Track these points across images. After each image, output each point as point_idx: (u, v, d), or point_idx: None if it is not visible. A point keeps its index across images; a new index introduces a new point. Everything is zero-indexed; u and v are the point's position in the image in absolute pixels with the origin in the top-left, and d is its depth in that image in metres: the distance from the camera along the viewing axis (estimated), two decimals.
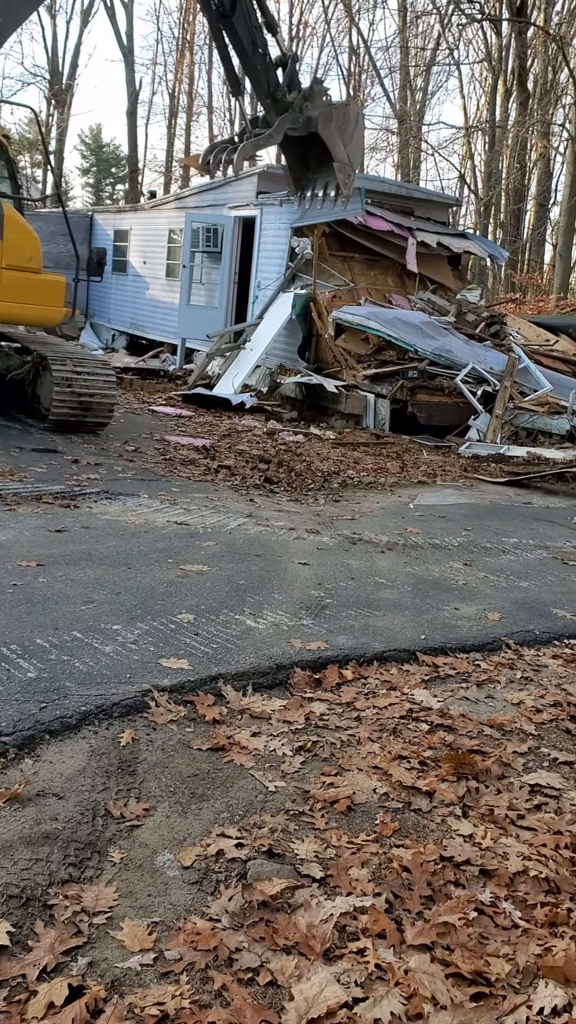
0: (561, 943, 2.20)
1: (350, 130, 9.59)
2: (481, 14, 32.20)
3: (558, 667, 4.16)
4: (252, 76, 9.28)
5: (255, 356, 13.37)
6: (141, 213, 19.69)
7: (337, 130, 9.45)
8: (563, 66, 29.57)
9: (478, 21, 32.83)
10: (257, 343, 13.56)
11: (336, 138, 9.46)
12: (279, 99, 9.25)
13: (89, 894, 2.26)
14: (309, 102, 9.31)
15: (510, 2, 29.69)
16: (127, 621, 3.97)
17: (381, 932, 2.19)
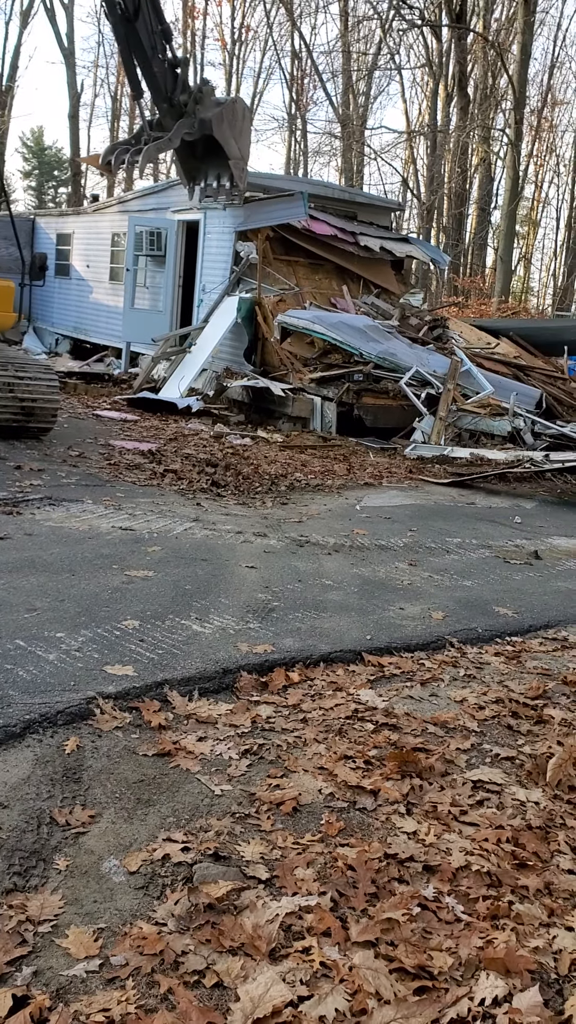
0: (502, 935, 2.24)
1: (239, 125, 10.10)
2: (421, 20, 32.60)
3: (500, 664, 4.23)
4: (150, 80, 9.64)
5: (201, 359, 13.36)
6: (84, 216, 19.54)
7: (229, 128, 9.94)
8: (502, 72, 30.08)
9: (418, 27, 33.23)
10: (203, 347, 13.54)
11: (228, 136, 9.95)
12: (175, 104, 9.68)
13: (34, 903, 2.25)
14: (199, 104, 9.77)
15: (450, 8, 30.11)
16: (71, 628, 3.95)
17: (326, 930, 2.21)
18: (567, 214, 41.02)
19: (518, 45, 26.83)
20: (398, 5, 30.93)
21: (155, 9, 9.50)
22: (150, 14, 9.40)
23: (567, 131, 42.35)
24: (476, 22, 32.34)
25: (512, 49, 29.16)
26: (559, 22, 61.75)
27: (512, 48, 29.25)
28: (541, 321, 22.85)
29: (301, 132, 41.71)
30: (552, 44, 58.70)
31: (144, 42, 9.47)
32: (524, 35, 26.34)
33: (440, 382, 12.03)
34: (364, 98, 39.39)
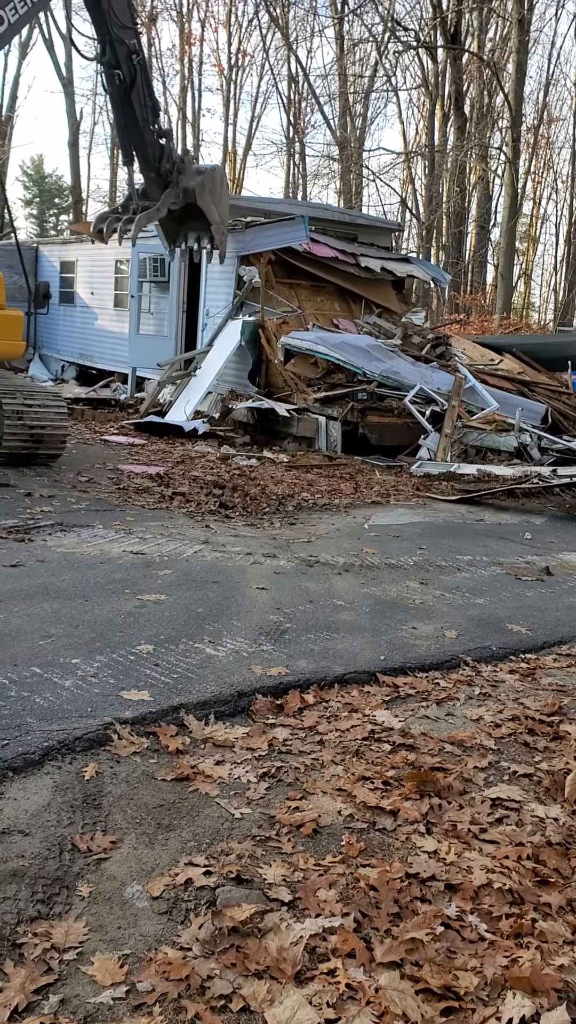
0: (527, 953, 2.24)
1: (218, 191, 10.94)
2: (417, 41, 32.96)
3: (515, 682, 4.24)
4: (140, 149, 10.44)
5: (206, 383, 13.42)
6: (87, 244, 19.68)
7: (210, 196, 10.80)
8: (498, 91, 30.35)
9: (414, 48, 33.61)
10: (208, 370, 13.61)
11: (210, 204, 10.82)
12: (161, 173, 10.48)
13: (59, 930, 2.26)
14: (182, 174, 10.60)
15: (444, 30, 30.43)
16: (86, 654, 3.97)
17: (351, 952, 2.21)
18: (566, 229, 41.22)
19: (513, 64, 27.09)
20: (393, 28, 31.31)
21: (147, 84, 10.33)
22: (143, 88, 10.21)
23: (564, 147, 42.59)
24: (471, 42, 32.65)
25: (507, 68, 29.43)
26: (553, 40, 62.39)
27: (507, 67, 29.52)
28: (544, 336, 22.93)
29: (300, 155, 42.06)
30: (547, 62, 59.18)
31: (137, 113, 10.20)
32: (519, 54, 26.59)
33: (444, 399, 12.07)
34: (361, 120, 39.76)
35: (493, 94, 32.36)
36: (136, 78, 10.13)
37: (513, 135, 27.06)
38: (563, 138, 43.22)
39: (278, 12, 37.05)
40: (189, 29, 41.33)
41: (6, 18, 8.53)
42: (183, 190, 10.55)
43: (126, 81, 10.04)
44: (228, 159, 43.76)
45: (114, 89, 10.30)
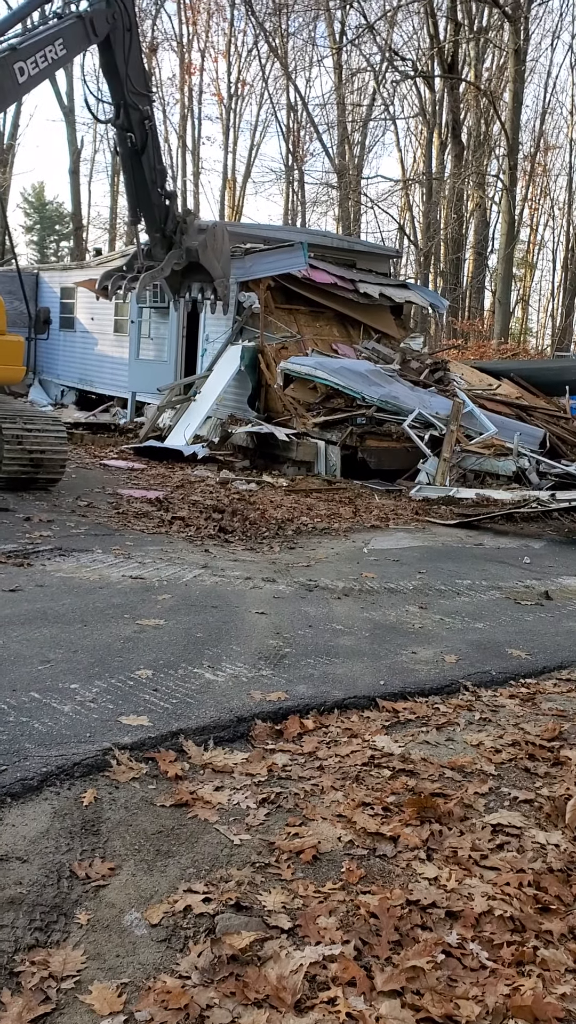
0: (528, 982, 2.22)
1: (219, 246, 11.51)
2: (414, 71, 33.38)
3: (515, 707, 4.22)
4: (147, 211, 10.97)
5: (206, 407, 13.47)
6: (87, 270, 19.82)
7: (212, 253, 11.35)
8: (495, 119, 30.69)
9: (411, 78, 34.03)
10: (207, 395, 13.66)
11: (212, 260, 11.39)
12: (166, 235, 11.06)
13: (56, 958, 2.24)
14: (185, 234, 11.18)
15: (442, 59, 30.81)
16: (85, 679, 3.96)
17: (351, 980, 2.20)
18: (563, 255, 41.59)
19: (510, 93, 27.41)
20: (391, 57, 31.71)
21: (157, 148, 10.90)
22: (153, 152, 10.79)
23: (560, 174, 43.07)
24: (468, 72, 33.08)
25: (504, 97, 29.79)
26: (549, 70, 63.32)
27: (504, 96, 29.88)
28: (541, 362, 23.03)
29: (299, 183, 42.49)
30: (543, 91, 59.99)
31: (146, 175, 10.75)
32: (515, 83, 26.91)
33: (443, 424, 12.11)
34: (360, 148, 40.17)
35: (490, 122, 32.73)
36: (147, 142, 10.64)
37: (510, 163, 27.32)
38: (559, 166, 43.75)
39: (277, 43, 37.59)
40: (189, 59, 41.91)
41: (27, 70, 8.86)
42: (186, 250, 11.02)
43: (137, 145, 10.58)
44: (227, 186, 44.20)
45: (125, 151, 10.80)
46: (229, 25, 41.65)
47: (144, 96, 10.79)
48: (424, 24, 32.19)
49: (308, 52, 41.03)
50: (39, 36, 9.19)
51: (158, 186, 11.00)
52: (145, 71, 11.02)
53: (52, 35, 9.28)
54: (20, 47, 8.83)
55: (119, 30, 10.26)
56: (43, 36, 9.21)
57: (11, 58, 8.71)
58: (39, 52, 9.03)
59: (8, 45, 8.76)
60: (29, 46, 8.95)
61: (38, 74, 9.13)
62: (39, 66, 9.08)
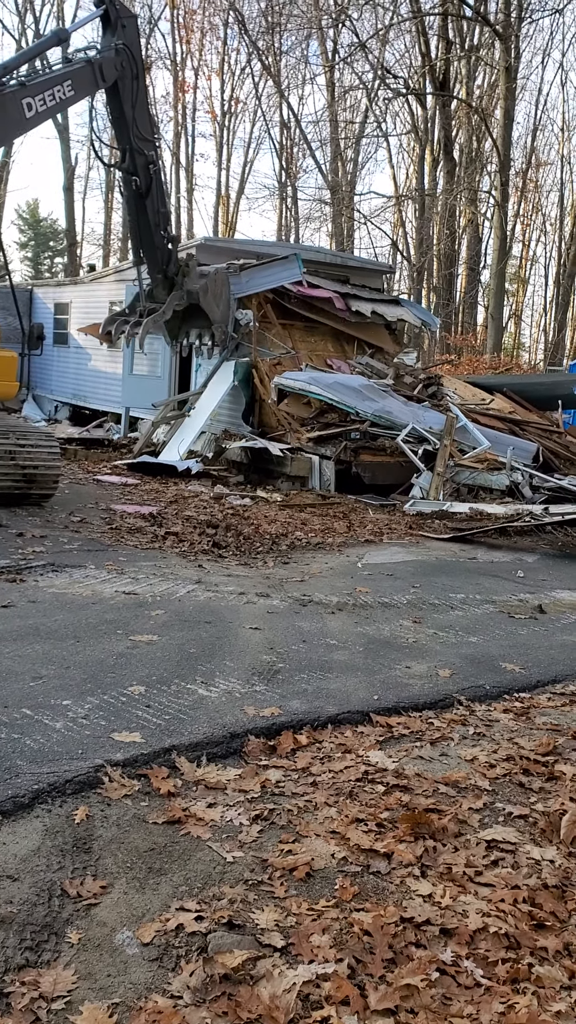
0: (523, 999, 2.21)
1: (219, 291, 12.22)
2: (406, 88, 33.63)
3: (509, 721, 4.21)
4: (149, 252, 11.58)
5: (200, 422, 13.47)
6: (81, 286, 19.89)
7: (212, 298, 12.07)
8: (486, 136, 30.92)
9: (403, 95, 34.27)
10: (202, 410, 13.66)
11: (212, 304, 12.08)
12: (168, 276, 11.69)
13: (47, 979, 2.21)
14: (187, 277, 11.85)
15: (433, 77, 31.07)
16: (77, 695, 3.94)
17: (344, 999, 2.18)
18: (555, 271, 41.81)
19: (501, 110, 27.63)
20: (383, 75, 31.94)
21: (160, 193, 11.52)
22: (157, 195, 11.40)
23: (552, 191, 43.36)
24: (459, 89, 33.33)
25: (495, 114, 30.00)
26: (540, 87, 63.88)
27: (495, 113, 30.09)
28: (534, 376, 23.12)
29: (292, 199, 42.69)
30: (534, 108, 60.46)
31: (150, 218, 11.35)
32: (506, 101, 27.13)
33: (436, 438, 12.13)
34: (352, 165, 40.40)
35: (482, 139, 32.97)
36: (151, 186, 11.23)
37: (502, 179, 27.53)
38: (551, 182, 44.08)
39: (270, 61, 37.86)
40: (183, 77, 42.22)
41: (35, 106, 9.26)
42: (187, 292, 11.70)
43: (142, 188, 11.15)
44: (221, 202, 44.41)
45: (130, 194, 11.36)
46: (222, 44, 41.98)
47: (149, 142, 11.30)
48: (416, 42, 32.49)
49: (301, 70, 41.44)
50: (49, 76, 9.67)
51: (161, 229, 11.49)
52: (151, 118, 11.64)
53: (61, 76, 9.74)
54: (29, 84, 9.33)
55: (127, 78, 10.79)
56: (53, 76, 9.69)
57: (20, 93, 9.07)
58: (47, 91, 9.43)
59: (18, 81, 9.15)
60: (38, 84, 9.37)
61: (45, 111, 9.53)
62: (47, 104, 9.45)
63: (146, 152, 11.25)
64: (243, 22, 36.53)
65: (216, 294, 12.22)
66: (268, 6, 34.97)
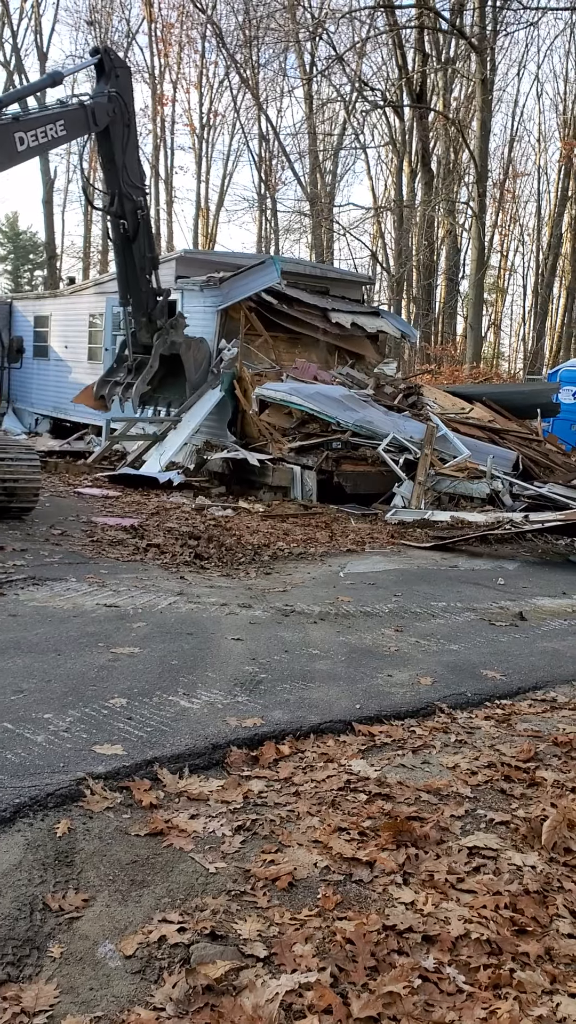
0: (505, 1004, 2.22)
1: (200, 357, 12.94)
2: (383, 100, 33.86)
3: (490, 728, 4.23)
4: (135, 294, 12.03)
5: (184, 435, 13.45)
6: (61, 299, 19.88)
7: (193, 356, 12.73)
8: (463, 147, 31.14)
9: (381, 108, 34.50)
10: (187, 423, 13.62)
11: (191, 363, 12.71)
12: (152, 320, 12.15)
13: (28, 993, 2.21)
14: (174, 328, 12.40)
15: (410, 89, 31.31)
16: (58, 709, 3.92)
17: (327, 1007, 2.18)
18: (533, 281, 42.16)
19: (478, 122, 27.85)
20: (361, 88, 32.15)
21: (148, 237, 11.92)
22: (144, 240, 11.79)
23: (529, 201, 43.79)
24: (436, 101, 33.63)
25: (472, 126, 30.22)
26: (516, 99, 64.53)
27: (472, 125, 30.32)
28: (513, 385, 23.29)
29: (271, 211, 42.86)
30: (511, 119, 61.09)
31: (136, 262, 11.77)
32: (483, 112, 27.36)
33: (417, 447, 12.19)
34: (331, 176, 40.65)
35: (459, 151, 33.21)
36: (139, 231, 11.59)
37: (479, 190, 27.73)
38: (528, 192, 44.50)
39: (248, 74, 38.03)
40: (161, 90, 42.34)
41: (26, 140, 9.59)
42: (172, 342, 12.29)
43: (129, 232, 11.54)
44: (201, 215, 44.53)
45: (117, 237, 11.78)
46: (200, 57, 42.17)
47: (139, 188, 11.71)
48: (393, 55, 32.77)
49: (279, 83, 41.57)
50: (43, 113, 10.07)
51: (147, 273, 11.91)
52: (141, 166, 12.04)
53: (54, 115, 10.12)
54: (23, 119, 9.65)
55: (118, 125, 11.20)
56: (47, 114, 10.09)
57: (12, 127, 9.41)
58: (40, 128, 9.79)
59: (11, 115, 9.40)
60: (31, 120, 9.74)
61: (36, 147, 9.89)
62: (38, 140, 9.80)
63: (135, 198, 11.59)
64: (221, 35, 36.70)
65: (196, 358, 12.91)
66: (246, 19, 35.16)
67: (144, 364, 12.38)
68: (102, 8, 40.73)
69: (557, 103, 45.76)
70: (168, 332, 12.27)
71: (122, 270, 12.06)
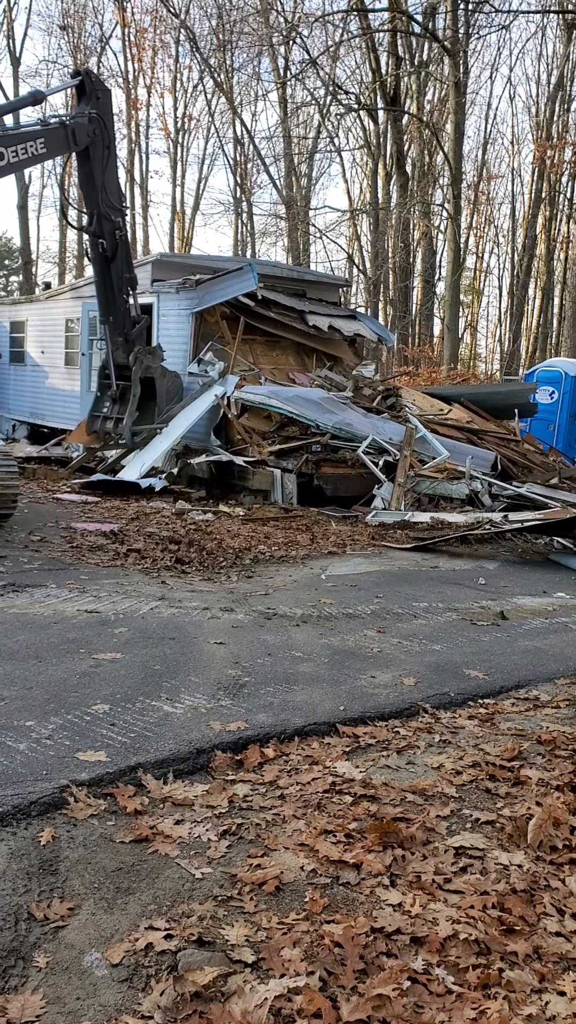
0: (494, 1004, 2.21)
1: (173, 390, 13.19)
2: (358, 104, 33.93)
3: (474, 727, 4.24)
4: (113, 313, 12.15)
5: (169, 441, 13.37)
6: (37, 304, 19.76)
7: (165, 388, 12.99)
8: (438, 150, 31.27)
9: (355, 111, 34.57)
10: (174, 429, 13.54)
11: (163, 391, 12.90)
12: (129, 340, 12.27)
13: (14, 1005, 2.18)
14: (152, 356, 12.64)
15: (384, 92, 31.40)
16: (40, 716, 3.89)
17: (316, 1012, 2.17)
18: (508, 282, 42.38)
19: (452, 124, 27.96)
20: (335, 91, 32.18)
21: (126, 257, 12.00)
22: (123, 261, 11.86)
23: (504, 203, 44.04)
24: (410, 104, 33.72)
25: (446, 128, 30.34)
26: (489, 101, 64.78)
27: (446, 127, 30.43)
28: (490, 386, 23.38)
29: (247, 214, 42.85)
30: (484, 122, 61.41)
31: (114, 282, 11.82)
32: (457, 115, 27.47)
33: (396, 449, 12.21)
34: (307, 180, 40.66)
35: (433, 153, 33.35)
36: (117, 251, 11.66)
37: (454, 192, 27.83)
38: (503, 194, 44.77)
39: (222, 78, 38.02)
40: (135, 95, 42.22)
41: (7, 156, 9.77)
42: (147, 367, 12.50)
43: (108, 252, 11.60)
44: (176, 219, 44.46)
45: (96, 256, 11.82)
46: (174, 61, 42.07)
47: (117, 209, 11.79)
48: (366, 59, 32.82)
49: (253, 87, 41.56)
50: (24, 131, 10.27)
51: (124, 293, 12.01)
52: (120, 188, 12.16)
53: (35, 133, 10.33)
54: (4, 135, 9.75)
55: (98, 146, 11.30)
56: (28, 132, 10.29)
57: None
58: (20, 144, 9.99)
59: None
60: (12, 136, 9.93)
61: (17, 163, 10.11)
62: (19, 156, 9.99)
63: (113, 218, 11.65)
64: (194, 40, 36.65)
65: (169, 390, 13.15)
66: (219, 24, 35.16)
67: (127, 392, 12.57)
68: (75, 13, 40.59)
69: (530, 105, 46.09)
70: (144, 356, 12.49)
71: (100, 288, 12.18)
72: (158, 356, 12.88)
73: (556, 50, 36.99)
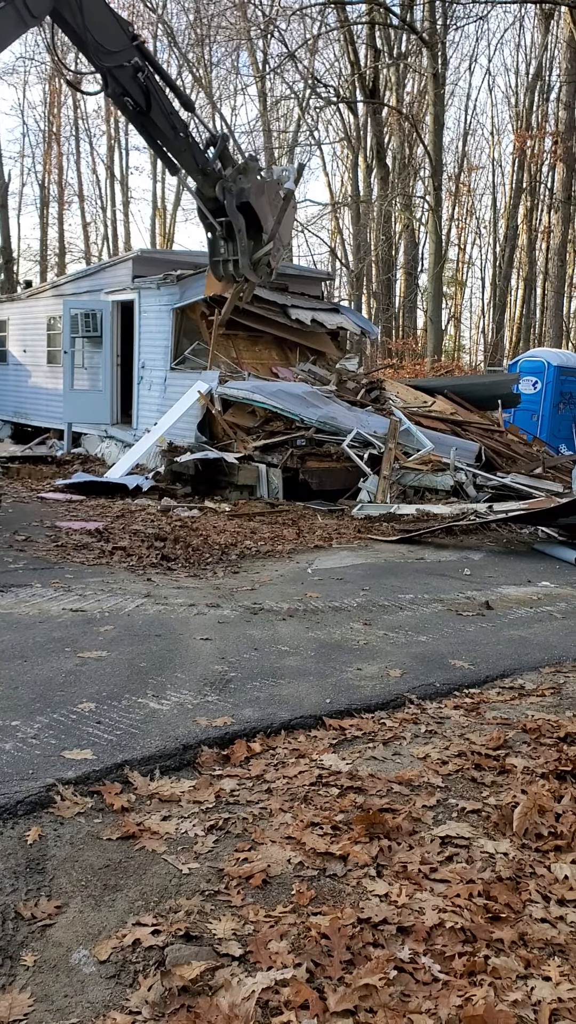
0: (480, 991, 2.23)
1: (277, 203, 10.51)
2: (337, 96, 33.91)
3: (460, 717, 4.26)
4: (179, 157, 10.10)
5: (155, 439, 13.37)
6: (18, 303, 19.69)
7: (268, 205, 10.35)
8: (418, 142, 31.31)
9: (334, 104, 34.54)
10: (160, 426, 13.54)
11: (267, 211, 10.31)
12: (208, 173, 10.15)
13: (2, 1003, 2.18)
14: (244, 175, 10.27)
15: (363, 85, 31.37)
16: (26, 715, 3.89)
17: (304, 1003, 2.18)
18: (491, 273, 42.47)
19: (431, 116, 28.00)
20: (314, 84, 32.16)
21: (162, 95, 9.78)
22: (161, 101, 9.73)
23: (484, 194, 44.06)
24: (389, 96, 33.72)
25: (426, 120, 30.40)
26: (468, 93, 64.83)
27: (426, 119, 30.50)
28: (474, 377, 23.42)
29: None
30: (464, 113, 61.53)
31: (162, 126, 9.83)
32: (436, 107, 27.51)
33: (381, 442, 12.23)
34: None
35: (414, 145, 33.39)
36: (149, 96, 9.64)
37: (435, 184, 27.87)
38: (483, 185, 44.77)
39: (201, 72, 37.88)
40: None
41: None
42: (240, 189, 10.23)
43: (140, 104, 9.64)
44: (158, 214, 44.34)
45: (129, 115, 10.00)
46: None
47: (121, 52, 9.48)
48: (345, 51, 32.76)
49: (232, 81, 41.46)
50: None
51: (180, 132, 10.01)
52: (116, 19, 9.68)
53: None
54: None
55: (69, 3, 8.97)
56: None
57: None
58: None
59: None
60: None
61: None
62: None
63: (126, 63, 9.44)
64: (172, 35, 36.50)
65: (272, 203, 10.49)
66: (196, 18, 35.02)
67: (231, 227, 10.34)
68: None
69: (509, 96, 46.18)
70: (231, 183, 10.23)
71: (154, 144, 10.18)
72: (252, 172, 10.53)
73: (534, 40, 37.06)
